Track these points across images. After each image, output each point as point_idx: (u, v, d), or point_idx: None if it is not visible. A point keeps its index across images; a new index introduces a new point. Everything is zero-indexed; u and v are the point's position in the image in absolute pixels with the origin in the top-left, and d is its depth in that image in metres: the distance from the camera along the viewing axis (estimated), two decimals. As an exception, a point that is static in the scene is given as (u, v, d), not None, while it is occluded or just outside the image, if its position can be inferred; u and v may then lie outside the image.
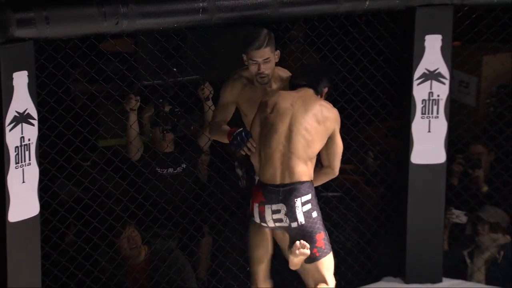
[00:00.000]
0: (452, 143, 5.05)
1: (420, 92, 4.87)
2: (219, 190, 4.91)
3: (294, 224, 3.96)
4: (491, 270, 5.06)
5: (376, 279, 5.08)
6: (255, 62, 4.13)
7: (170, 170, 4.92)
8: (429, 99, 4.88)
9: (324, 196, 5.06)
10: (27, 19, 3.96)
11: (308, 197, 3.97)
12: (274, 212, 3.97)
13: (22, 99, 3.99)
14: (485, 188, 5.21)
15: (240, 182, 5.01)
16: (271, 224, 4.00)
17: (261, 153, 4.05)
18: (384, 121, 5.13)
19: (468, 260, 5.12)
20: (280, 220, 3.98)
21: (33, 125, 4.04)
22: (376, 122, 5.05)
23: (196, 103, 4.82)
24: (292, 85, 4.17)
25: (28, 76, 3.99)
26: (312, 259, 3.98)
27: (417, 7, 4.77)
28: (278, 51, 4.19)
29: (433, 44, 4.82)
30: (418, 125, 4.90)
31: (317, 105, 4.05)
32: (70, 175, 4.53)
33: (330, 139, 4.07)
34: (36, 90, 4.05)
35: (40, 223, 4.16)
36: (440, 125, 4.90)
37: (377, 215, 5.14)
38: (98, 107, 4.72)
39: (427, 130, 4.90)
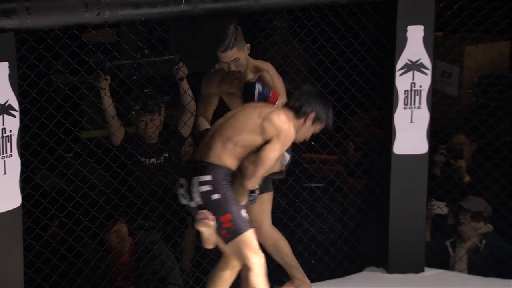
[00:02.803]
0: (434, 133, 5.07)
1: (402, 82, 4.88)
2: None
3: (192, 204, 3.98)
4: (473, 259, 5.09)
5: (359, 269, 5.10)
6: (225, 62, 4.19)
7: (153, 160, 4.91)
8: (411, 90, 4.90)
9: (308, 187, 5.07)
10: (8, 10, 3.94)
11: (207, 178, 3.94)
12: (180, 186, 4.03)
13: (3, 90, 3.97)
14: (467, 178, 5.23)
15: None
16: (182, 200, 4.04)
17: None
18: (367, 111, 5.14)
19: (450, 250, 5.15)
20: (184, 197, 4.02)
21: (14, 116, 4.02)
22: (359, 112, 5.06)
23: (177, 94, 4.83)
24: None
25: (9, 67, 3.97)
26: (226, 239, 3.98)
27: (399, -2, 4.79)
28: (247, 44, 4.23)
29: (415, 34, 4.83)
30: (400, 116, 4.91)
31: (271, 108, 4.04)
32: (53, 166, 4.51)
33: (263, 146, 3.98)
34: (17, 81, 4.02)
35: (22, 214, 4.14)
36: (423, 116, 4.91)
37: (360, 205, 5.16)
38: (81, 98, 4.70)
39: (410, 121, 4.92)
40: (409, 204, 4.96)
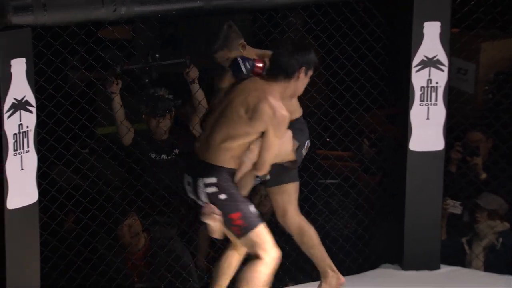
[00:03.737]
0: (450, 130, 5.05)
1: (418, 79, 4.87)
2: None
3: (200, 202, 4.05)
4: (489, 257, 5.07)
5: (374, 266, 5.09)
6: (220, 62, 4.20)
7: (164, 156, 4.92)
8: (427, 86, 4.88)
9: (323, 183, 5.07)
10: (24, 6, 3.95)
11: (212, 180, 4.00)
12: (187, 183, 4.09)
13: (20, 86, 3.98)
14: (483, 176, 5.21)
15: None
16: (190, 195, 4.10)
17: None
18: (382, 108, 5.13)
19: (466, 247, 5.13)
20: (191, 193, 4.08)
21: (31, 112, 4.04)
22: (374, 109, 5.05)
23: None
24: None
25: (26, 63, 3.98)
26: (238, 235, 4.06)
27: (416, -6, 4.78)
28: (241, 41, 4.20)
29: (431, 31, 4.82)
30: (416, 112, 4.90)
31: (255, 96, 3.99)
32: (69, 162, 4.53)
33: (263, 137, 4.01)
34: (34, 77, 4.04)
35: (39, 210, 4.16)
36: (439, 112, 4.90)
37: (375, 202, 5.15)
38: (96, 94, 4.72)
39: (426, 117, 4.90)
40: (424, 201, 4.95)
